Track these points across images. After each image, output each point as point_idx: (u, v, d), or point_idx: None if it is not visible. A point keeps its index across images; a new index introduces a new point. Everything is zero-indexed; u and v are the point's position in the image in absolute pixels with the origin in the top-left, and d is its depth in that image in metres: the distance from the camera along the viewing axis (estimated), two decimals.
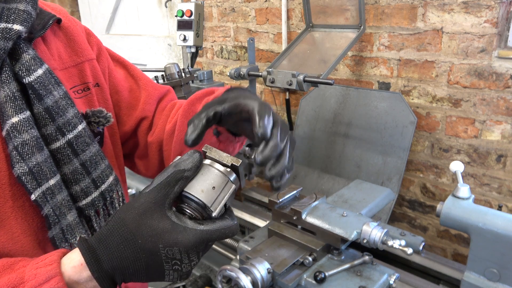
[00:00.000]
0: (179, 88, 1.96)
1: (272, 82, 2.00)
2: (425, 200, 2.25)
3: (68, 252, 0.63)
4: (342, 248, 1.02)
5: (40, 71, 0.72)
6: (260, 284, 0.91)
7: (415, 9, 2.01)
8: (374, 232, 0.95)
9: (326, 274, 0.94)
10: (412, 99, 2.14)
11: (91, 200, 0.79)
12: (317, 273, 0.94)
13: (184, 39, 2.18)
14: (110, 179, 0.83)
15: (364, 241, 0.97)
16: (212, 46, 3.07)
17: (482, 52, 1.86)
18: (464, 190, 0.99)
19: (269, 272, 0.93)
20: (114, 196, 0.84)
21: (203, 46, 2.91)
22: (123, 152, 0.99)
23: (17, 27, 0.69)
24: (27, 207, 0.71)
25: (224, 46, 2.99)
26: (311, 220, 1.04)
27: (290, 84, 1.92)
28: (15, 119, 0.67)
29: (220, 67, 3.08)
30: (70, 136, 0.75)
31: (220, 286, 0.94)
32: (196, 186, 0.62)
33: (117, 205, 0.85)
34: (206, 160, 0.65)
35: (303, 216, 1.05)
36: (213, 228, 0.62)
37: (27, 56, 0.71)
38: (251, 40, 2.19)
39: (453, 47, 1.93)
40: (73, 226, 0.76)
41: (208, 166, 0.64)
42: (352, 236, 0.97)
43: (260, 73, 2.09)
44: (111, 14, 3.82)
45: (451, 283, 1.31)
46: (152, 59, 3.54)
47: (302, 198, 1.14)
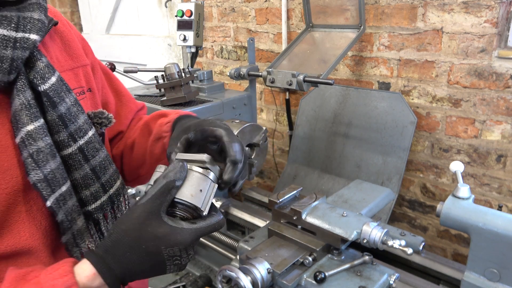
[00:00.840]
0: (179, 88, 1.95)
1: (272, 82, 2.00)
2: (425, 200, 2.25)
3: (77, 262, 0.67)
4: (342, 248, 1.02)
5: (53, 79, 0.73)
6: (260, 284, 0.91)
7: (415, 9, 2.01)
8: (374, 232, 0.95)
9: (326, 274, 0.94)
10: (412, 99, 2.14)
11: (100, 204, 0.81)
12: (317, 273, 0.94)
13: (184, 39, 2.18)
14: (118, 183, 0.86)
15: (364, 241, 0.97)
16: (212, 46, 3.07)
17: (482, 52, 1.86)
18: (464, 190, 0.99)
19: (269, 272, 0.93)
20: (121, 199, 0.87)
21: (203, 46, 2.91)
22: None
23: (33, 36, 0.69)
24: (34, 211, 0.72)
25: (224, 46, 2.99)
26: (311, 220, 1.04)
27: (290, 84, 1.92)
28: (30, 127, 0.68)
29: (220, 67, 3.08)
30: (81, 142, 0.77)
31: (220, 286, 0.94)
32: (185, 192, 0.69)
33: (123, 208, 0.88)
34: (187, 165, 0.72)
35: (303, 216, 1.05)
36: (206, 225, 0.69)
37: (41, 64, 0.72)
38: (251, 40, 2.19)
39: (453, 47, 1.93)
40: (82, 231, 0.79)
41: (190, 171, 0.71)
42: (352, 236, 0.97)
43: (260, 73, 2.09)
44: (111, 14, 3.83)
45: (451, 283, 1.30)
46: (152, 59, 3.53)
47: (302, 198, 1.14)
